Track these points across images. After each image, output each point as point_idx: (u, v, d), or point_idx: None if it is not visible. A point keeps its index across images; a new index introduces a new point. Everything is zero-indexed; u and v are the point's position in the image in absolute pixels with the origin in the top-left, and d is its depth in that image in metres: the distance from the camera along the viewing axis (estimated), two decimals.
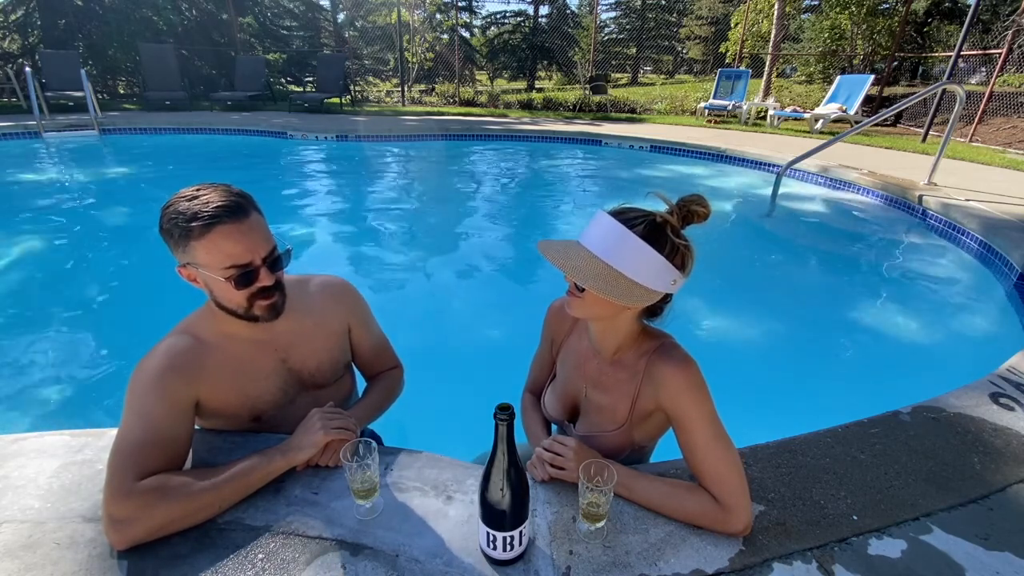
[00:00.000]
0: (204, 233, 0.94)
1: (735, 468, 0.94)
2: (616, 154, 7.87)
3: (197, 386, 1.04)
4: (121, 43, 11.51)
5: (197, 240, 0.95)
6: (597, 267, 0.91)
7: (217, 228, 0.94)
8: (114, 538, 0.88)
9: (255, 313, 1.05)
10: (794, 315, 3.25)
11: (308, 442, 1.04)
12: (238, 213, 0.97)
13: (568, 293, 1.01)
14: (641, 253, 0.90)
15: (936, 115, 8.06)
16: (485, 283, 3.65)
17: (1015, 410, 1.48)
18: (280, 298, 1.07)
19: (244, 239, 0.97)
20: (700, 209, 0.93)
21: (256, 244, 0.99)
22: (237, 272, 0.98)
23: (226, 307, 1.04)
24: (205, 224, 0.94)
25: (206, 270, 0.98)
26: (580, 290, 0.96)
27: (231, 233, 0.96)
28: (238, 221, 0.96)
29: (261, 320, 1.06)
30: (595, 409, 1.14)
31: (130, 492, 0.87)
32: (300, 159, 7.32)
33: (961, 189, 4.74)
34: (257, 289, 1.02)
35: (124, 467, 0.89)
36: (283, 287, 1.08)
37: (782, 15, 11.48)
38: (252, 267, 0.99)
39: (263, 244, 1.01)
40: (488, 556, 0.91)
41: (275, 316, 1.07)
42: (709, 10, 23.14)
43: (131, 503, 0.87)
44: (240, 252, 0.97)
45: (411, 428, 2.14)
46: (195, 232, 0.94)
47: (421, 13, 14.26)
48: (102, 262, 3.76)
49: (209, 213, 0.94)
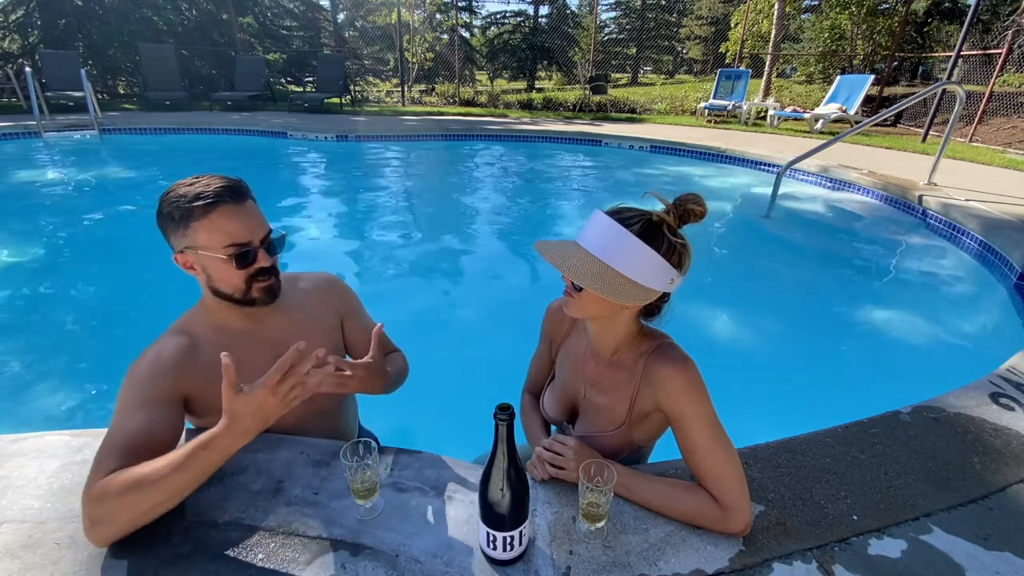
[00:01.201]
0: (206, 213, 0.98)
1: (734, 468, 0.94)
2: (616, 154, 7.87)
3: (186, 383, 1.03)
4: (121, 43, 11.53)
5: (199, 220, 0.98)
6: (595, 266, 0.91)
7: (219, 208, 0.98)
8: (89, 536, 0.86)
9: (253, 295, 1.07)
10: (794, 315, 3.25)
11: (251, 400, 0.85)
12: (238, 195, 1.02)
13: (565, 293, 1.01)
14: (638, 252, 0.90)
15: (936, 115, 8.06)
16: (485, 283, 3.65)
17: (1015, 410, 1.48)
18: (276, 282, 1.10)
19: (245, 219, 1.02)
20: (696, 208, 0.93)
21: (255, 225, 1.04)
22: (237, 251, 1.01)
23: (223, 292, 1.05)
24: (208, 204, 0.97)
25: (206, 251, 1.00)
26: (578, 290, 0.96)
27: (232, 213, 1.00)
28: (239, 202, 1.01)
29: (259, 303, 1.08)
30: (594, 410, 1.14)
31: (91, 490, 0.85)
32: (300, 159, 7.32)
33: (961, 189, 4.74)
34: (256, 270, 1.05)
35: (99, 464, 0.87)
36: (279, 272, 1.11)
37: (782, 15, 11.49)
38: (251, 246, 1.03)
39: (261, 226, 1.05)
40: (488, 556, 0.91)
41: (272, 299, 1.10)
42: (709, 10, 23.16)
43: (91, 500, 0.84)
44: (241, 231, 1.01)
45: (411, 428, 2.14)
46: (197, 212, 0.98)
47: (421, 13, 14.27)
48: (102, 262, 3.76)
49: (211, 193, 0.98)
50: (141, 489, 0.83)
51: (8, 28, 12.21)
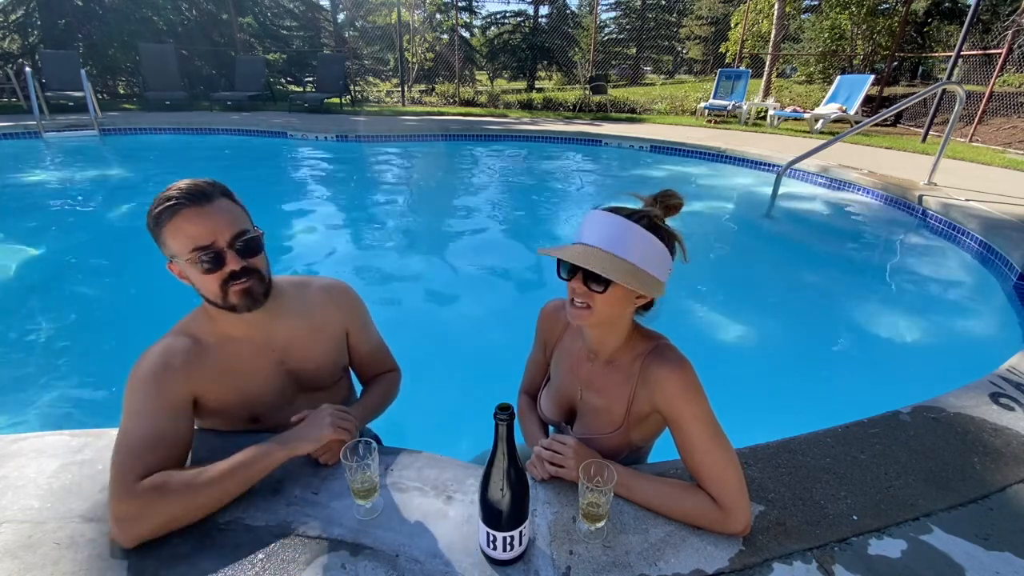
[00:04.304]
0: (171, 217, 0.96)
1: (733, 468, 0.94)
2: (616, 154, 7.87)
3: (194, 383, 1.04)
4: (121, 43, 11.53)
5: (165, 227, 0.97)
6: (621, 264, 0.92)
7: (181, 212, 0.96)
8: (121, 537, 0.88)
9: (231, 301, 1.02)
10: (794, 315, 3.25)
11: (314, 435, 1.03)
12: (200, 198, 0.97)
13: (573, 305, 0.99)
14: (652, 245, 0.94)
15: (936, 115, 8.06)
16: (485, 283, 3.65)
17: (1015, 410, 1.48)
18: (256, 285, 1.03)
19: (205, 221, 0.97)
20: (676, 202, 0.99)
21: (218, 226, 0.98)
22: (200, 255, 0.96)
23: (208, 299, 1.04)
24: (170, 208, 0.96)
25: (179, 258, 0.98)
26: (603, 291, 0.95)
27: (193, 216, 0.96)
28: (199, 205, 0.97)
29: (239, 309, 1.03)
30: (591, 411, 1.14)
31: (132, 491, 0.88)
32: (300, 159, 7.32)
33: (961, 189, 4.74)
34: (228, 274, 0.99)
35: (126, 466, 0.90)
36: (261, 275, 1.05)
37: (782, 15, 11.49)
38: (215, 248, 0.97)
39: (227, 227, 0.99)
40: (488, 556, 0.91)
41: (252, 304, 1.04)
42: (709, 10, 23.17)
43: (135, 502, 0.87)
44: (201, 234, 0.96)
45: (411, 428, 2.14)
46: (163, 219, 0.96)
47: (421, 13, 14.27)
48: (102, 262, 3.76)
49: (172, 199, 0.96)
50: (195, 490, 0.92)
51: (8, 28, 12.21)
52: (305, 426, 1.05)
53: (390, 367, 1.42)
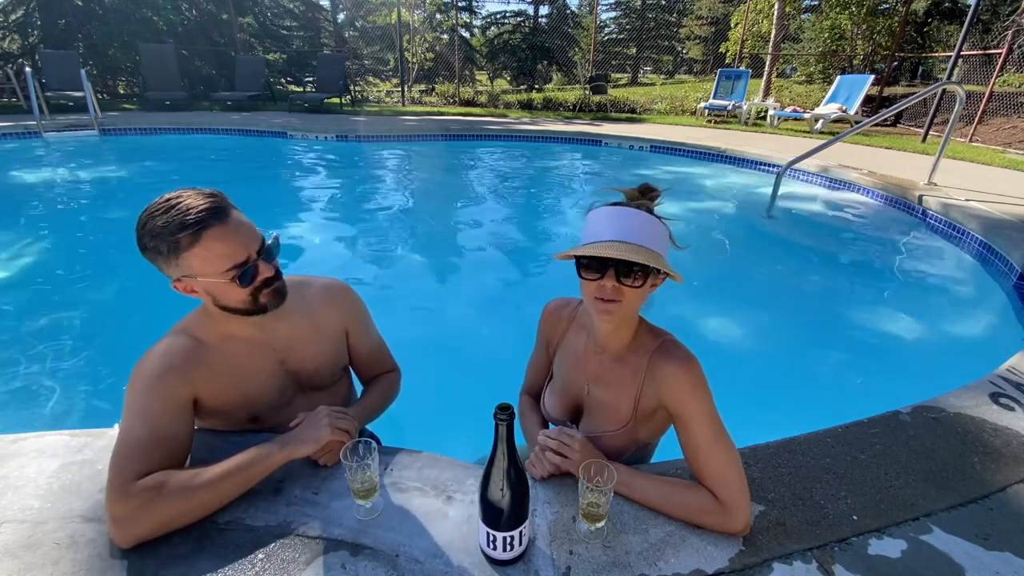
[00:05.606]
0: (195, 242, 0.93)
1: (735, 467, 0.94)
2: (616, 154, 7.87)
3: (195, 384, 1.04)
4: (121, 43, 11.52)
5: (188, 251, 0.93)
6: (654, 255, 0.93)
7: (207, 233, 0.93)
8: (118, 537, 0.88)
9: (263, 303, 1.04)
10: (794, 315, 3.25)
11: (312, 437, 1.03)
12: (222, 214, 0.96)
13: (606, 301, 0.96)
14: (664, 233, 0.97)
15: (936, 115, 8.06)
16: (485, 283, 3.65)
17: (1015, 410, 1.48)
18: (282, 283, 1.08)
19: (236, 237, 0.97)
20: (655, 194, 1.03)
21: (248, 239, 0.99)
22: (238, 272, 0.97)
23: (230, 307, 1.03)
24: (194, 232, 0.92)
25: (205, 277, 0.96)
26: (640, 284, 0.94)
27: (222, 235, 0.94)
28: (223, 222, 0.95)
29: (270, 308, 1.06)
30: (598, 407, 1.14)
31: (130, 491, 0.88)
32: (300, 159, 7.32)
33: (961, 189, 4.74)
34: (261, 282, 1.02)
35: (124, 466, 0.90)
36: (281, 273, 1.09)
37: (782, 15, 11.49)
38: (250, 263, 0.99)
39: (254, 238, 1.00)
40: (488, 556, 0.91)
41: (281, 301, 1.07)
42: (709, 10, 23.16)
43: (132, 502, 0.87)
44: (236, 251, 0.96)
45: (411, 428, 2.14)
46: (184, 243, 0.93)
47: (421, 13, 14.27)
48: (101, 262, 3.75)
49: (193, 220, 0.92)
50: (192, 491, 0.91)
51: (8, 28, 12.20)
52: (303, 428, 1.05)
53: (390, 367, 1.42)
